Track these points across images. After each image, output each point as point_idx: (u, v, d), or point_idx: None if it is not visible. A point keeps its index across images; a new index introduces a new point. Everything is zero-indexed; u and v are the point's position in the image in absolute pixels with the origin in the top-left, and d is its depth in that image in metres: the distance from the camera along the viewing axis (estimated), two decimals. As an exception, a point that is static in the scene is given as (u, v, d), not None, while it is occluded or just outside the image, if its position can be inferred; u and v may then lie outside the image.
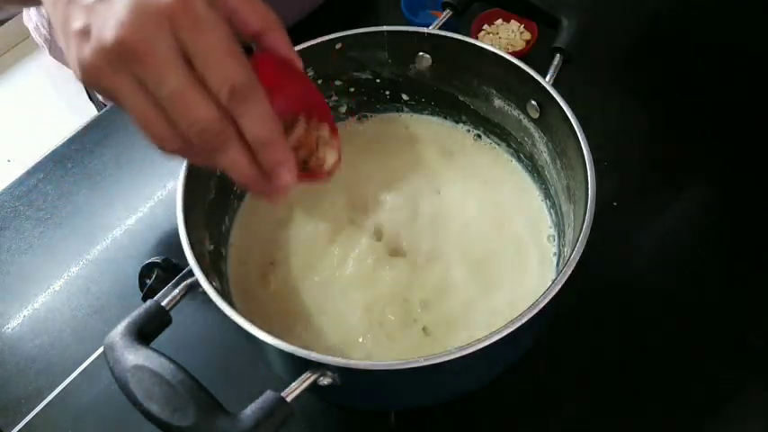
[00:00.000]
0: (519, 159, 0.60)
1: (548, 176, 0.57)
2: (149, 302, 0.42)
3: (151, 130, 0.35)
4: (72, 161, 0.73)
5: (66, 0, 0.35)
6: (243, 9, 0.37)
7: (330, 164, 0.46)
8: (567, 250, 0.51)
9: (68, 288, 0.65)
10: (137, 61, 0.33)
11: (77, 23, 0.34)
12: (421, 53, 0.58)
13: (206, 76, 0.34)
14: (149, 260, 0.62)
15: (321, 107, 0.46)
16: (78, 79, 0.36)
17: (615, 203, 0.66)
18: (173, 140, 0.36)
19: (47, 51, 0.84)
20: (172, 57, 0.33)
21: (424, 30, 0.56)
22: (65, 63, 0.86)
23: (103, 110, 0.79)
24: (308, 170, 0.45)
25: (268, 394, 0.38)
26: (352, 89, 0.62)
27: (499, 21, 0.75)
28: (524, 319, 0.40)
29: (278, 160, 0.37)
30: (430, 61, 0.58)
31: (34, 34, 0.85)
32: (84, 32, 0.34)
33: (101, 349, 0.59)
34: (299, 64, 0.42)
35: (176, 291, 0.44)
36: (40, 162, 0.74)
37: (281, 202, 0.40)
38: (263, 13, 0.38)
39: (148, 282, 0.60)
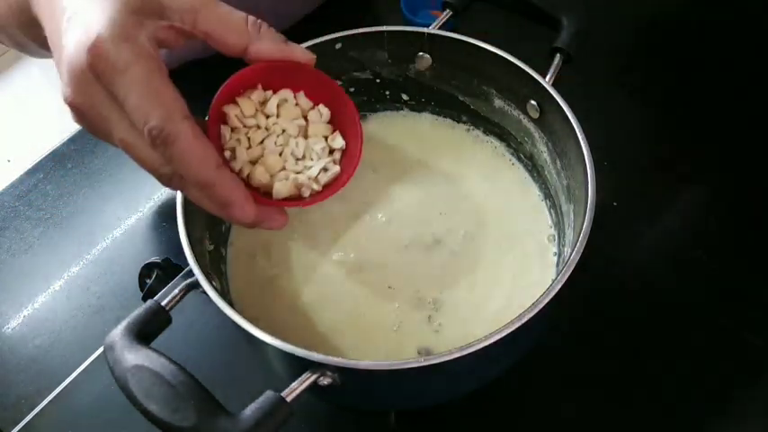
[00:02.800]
0: (519, 159, 0.60)
1: (548, 176, 0.57)
2: (149, 302, 0.42)
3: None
4: (72, 161, 0.73)
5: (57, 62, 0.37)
6: (216, 31, 0.37)
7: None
8: (567, 250, 0.51)
9: (68, 288, 0.65)
10: (86, 118, 0.35)
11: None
12: (421, 53, 0.58)
13: (134, 123, 0.34)
14: (149, 260, 0.62)
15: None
16: None
17: (615, 203, 0.66)
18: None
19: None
20: (107, 110, 0.34)
21: (424, 30, 0.56)
22: None
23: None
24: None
25: (268, 394, 0.38)
26: (352, 89, 0.61)
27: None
28: (524, 320, 0.40)
29: (223, 201, 0.36)
30: (430, 61, 0.58)
31: None
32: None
33: (101, 349, 0.59)
34: (300, 56, 0.40)
35: (176, 291, 0.44)
36: (39, 162, 0.74)
37: (277, 228, 0.39)
38: (237, 27, 0.37)
39: (148, 282, 0.60)
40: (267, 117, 0.41)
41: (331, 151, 0.43)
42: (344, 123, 0.43)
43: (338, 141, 0.43)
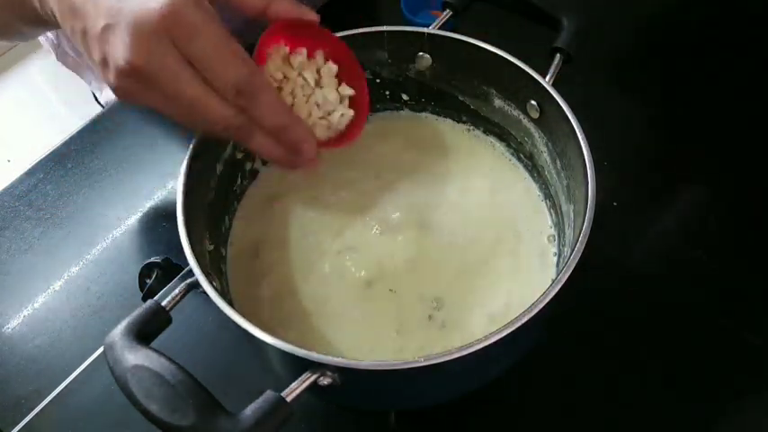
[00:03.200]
0: (519, 159, 0.60)
1: (548, 176, 0.57)
2: (149, 302, 0.42)
3: (189, 126, 0.39)
4: (72, 161, 0.73)
5: (81, 33, 0.38)
6: None
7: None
8: (567, 250, 0.51)
9: (68, 288, 0.65)
10: (151, 79, 0.36)
11: (96, 54, 0.37)
12: (421, 53, 0.58)
13: (211, 80, 0.36)
14: (149, 260, 0.62)
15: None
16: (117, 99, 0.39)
17: (615, 203, 0.66)
18: (209, 131, 0.39)
19: (53, 56, 0.84)
20: (179, 69, 0.36)
21: (424, 30, 0.56)
22: (72, 68, 0.86)
23: (103, 110, 0.79)
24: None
25: (268, 394, 0.38)
26: (352, 89, 0.61)
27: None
28: (524, 320, 0.40)
29: (297, 139, 0.42)
30: (430, 61, 0.58)
31: (41, 39, 0.85)
32: (104, 61, 0.37)
33: (101, 349, 0.59)
34: (313, 17, 0.45)
35: (176, 291, 0.44)
36: (40, 162, 0.74)
37: (313, 169, 0.45)
38: None
39: (148, 282, 0.60)
40: (292, 71, 0.47)
41: (341, 100, 0.51)
42: (352, 76, 0.51)
43: (347, 90, 0.51)
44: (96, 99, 0.95)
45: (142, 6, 0.35)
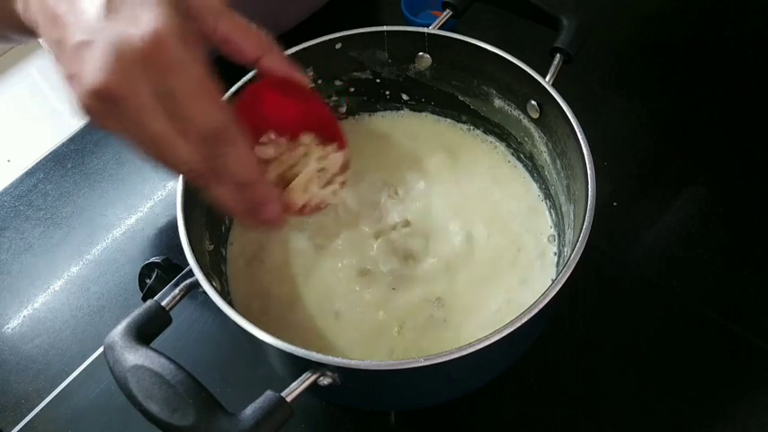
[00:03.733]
0: (519, 159, 0.60)
1: (548, 176, 0.57)
2: (149, 302, 0.42)
3: (147, 160, 0.37)
4: (72, 161, 0.73)
5: (57, 43, 0.36)
6: (235, 37, 0.38)
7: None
8: (567, 250, 0.51)
9: (68, 288, 0.65)
10: (118, 105, 0.34)
11: (68, 67, 0.35)
12: (421, 53, 0.58)
13: (181, 121, 0.34)
14: (149, 260, 0.62)
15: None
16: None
17: (615, 203, 0.66)
18: (167, 171, 0.37)
19: (53, 56, 0.84)
20: (150, 101, 0.34)
21: (424, 30, 0.56)
22: None
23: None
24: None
25: (268, 394, 0.38)
26: (352, 89, 0.62)
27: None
28: (524, 319, 0.40)
29: (259, 199, 0.39)
30: (430, 61, 0.58)
31: (41, 40, 0.85)
32: (73, 76, 0.35)
33: (101, 349, 0.59)
34: (302, 80, 0.44)
35: (176, 291, 0.44)
36: (40, 162, 0.74)
37: (277, 229, 0.43)
38: (256, 38, 0.39)
39: (148, 282, 0.60)
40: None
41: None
42: (330, 133, 0.49)
43: (335, 160, 0.50)
44: None
45: (125, 30, 0.33)
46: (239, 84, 0.51)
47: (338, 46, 0.56)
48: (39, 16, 0.38)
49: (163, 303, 0.43)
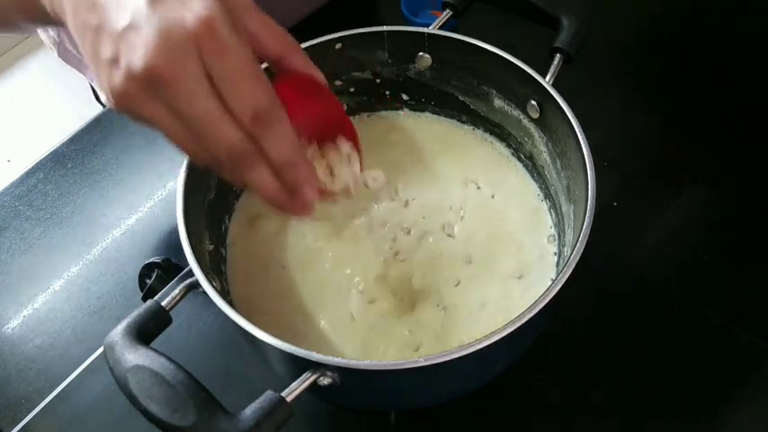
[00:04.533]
0: (519, 159, 0.60)
1: (548, 176, 0.57)
2: (149, 302, 0.42)
3: (182, 146, 0.37)
4: (72, 161, 0.73)
5: (95, 29, 0.36)
6: (262, 34, 0.39)
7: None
8: (567, 250, 0.51)
9: (68, 288, 0.65)
10: (165, 87, 0.34)
11: (107, 52, 0.35)
12: (421, 53, 0.58)
13: (230, 101, 0.35)
14: (149, 260, 0.62)
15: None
16: (110, 106, 0.37)
17: (615, 203, 0.66)
18: (203, 156, 0.37)
19: (55, 53, 0.84)
20: (198, 82, 0.34)
21: (424, 30, 0.56)
22: (74, 66, 0.86)
23: (103, 110, 0.79)
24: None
25: (268, 394, 0.38)
26: (352, 89, 0.62)
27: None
28: (524, 320, 0.40)
29: (300, 179, 0.39)
30: (430, 61, 0.58)
31: (42, 36, 0.85)
32: (114, 60, 0.35)
33: (101, 349, 0.59)
34: (322, 80, 0.44)
35: (176, 291, 0.44)
36: (40, 162, 0.74)
37: (306, 216, 0.42)
38: (282, 37, 0.40)
39: (148, 282, 0.60)
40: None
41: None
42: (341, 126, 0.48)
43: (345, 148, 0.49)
44: (97, 97, 0.95)
45: (176, 14, 0.34)
46: None
47: (338, 46, 0.56)
48: (69, 2, 0.38)
49: (163, 303, 0.43)
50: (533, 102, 0.54)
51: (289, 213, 0.41)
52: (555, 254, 0.55)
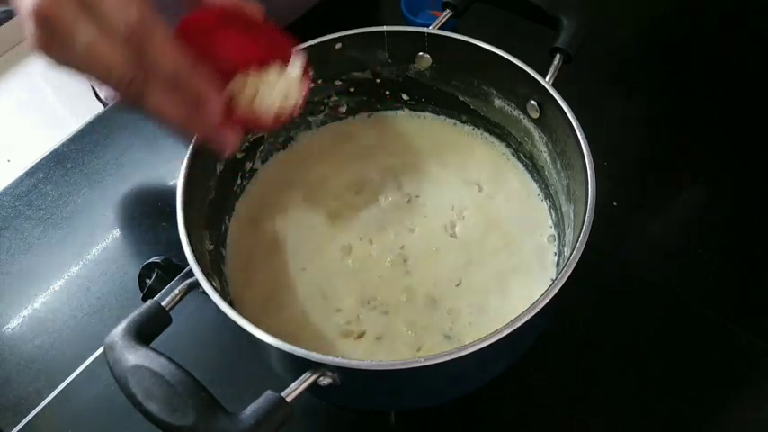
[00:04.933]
0: (519, 159, 0.60)
1: (548, 176, 0.57)
2: (149, 302, 0.42)
3: (88, 77, 0.37)
4: (72, 161, 0.73)
5: None
6: None
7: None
8: (567, 250, 0.51)
9: (68, 288, 0.65)
10: (52, 26, 0.35)
11: (14, 3, 0.37)
12: (421, 53, 0.58)
13: (103, 23, 0.35)
14: (149, 260, 0.62)
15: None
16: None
17: (615, 203, 0.66)
18: (108, 86, 0.37)
19: None
20: (76, 14, 0.35)
21: (424, 30, 0.56)
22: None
23: (103, 110, 0.79)
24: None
25: (268, 394, 0.38)
26: (352, 89, 0.62)
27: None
28: (524, 319, 0.40)
29: (195, 95, 0.38)
30: (430, 61, 0.58)
31: None
32: (19, 9, 0.36)
33: (101, 349, 0.59)
34: (251, 10, 0.42)
35: (176, 291, 0.44)
36: (40, 162, 0.74)
37: (230, 150, 0.41)
38: None
39: (148, 282, 0.60)
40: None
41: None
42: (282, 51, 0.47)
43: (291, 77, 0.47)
44: (96, 95, 0.95)
45: None
46: None
47: (338, 46, 0.56)
48: None
49: (163, 303, 0.43)
50: (533, 102, 0.54)
51: (205, 140, 0.40)
52: (555, 254, 0.55)
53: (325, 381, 0.39)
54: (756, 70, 0.77)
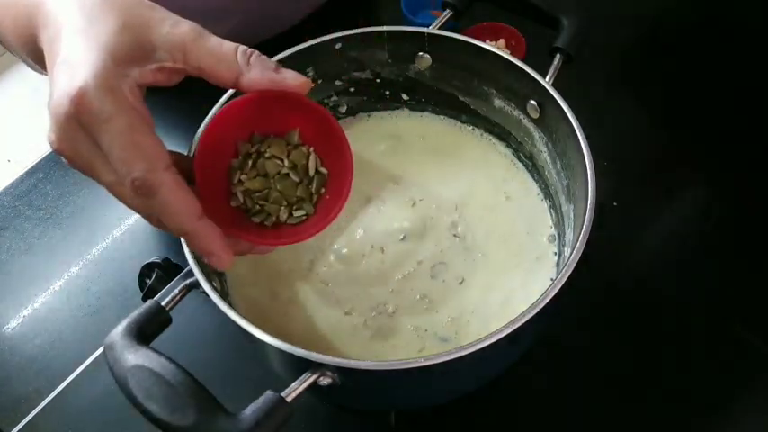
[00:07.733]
0: (519, 159, 0.60)
1: (548, 176, 0.57)
2: (149, 302, 0.42)
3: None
4: (72, 161, 0.73)
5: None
6: (206, 66, 0.37)
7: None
8: (567, 250, 0.51)
9: (68, 288, 0.65)
10: (73, 163, 0.36)
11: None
12: (421, 53, 0.58)
13: (116, 171, 0.35)
14: (149, 260, 0.62)
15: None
16: None
17: (615, 203, 0.66)
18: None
19: None
20: (92, 156, 0.35)
21: (424, 30, 0.56)
22: None
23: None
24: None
25: (268, 394, 0.38)
26: (352, 89, 0.62)
27: (487, 41, 0.69)
28: (524, 319, 0.40)
29: (202, 250, 0.38)
30: (430, 61, 0.58)
31: None
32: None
33: (101, 349, 0.59)
34: (289, 82, 0.39)
35: (176, 291, 0.44)
36: (40, 162, 0.74)
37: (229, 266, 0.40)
38: (228, 62, 0.37)
39: (148, 282, 0.60)
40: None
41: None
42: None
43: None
44: None
45: (60, 89, 0.34)
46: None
47: (338, 46, 0.56)
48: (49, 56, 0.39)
49: (163, 303, 0.43)
50: (533, 102, 0.54)
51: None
52: (555, 254, 0.55)
53: (325, 381, 0.39)
54: (756, 70, 0.77)
